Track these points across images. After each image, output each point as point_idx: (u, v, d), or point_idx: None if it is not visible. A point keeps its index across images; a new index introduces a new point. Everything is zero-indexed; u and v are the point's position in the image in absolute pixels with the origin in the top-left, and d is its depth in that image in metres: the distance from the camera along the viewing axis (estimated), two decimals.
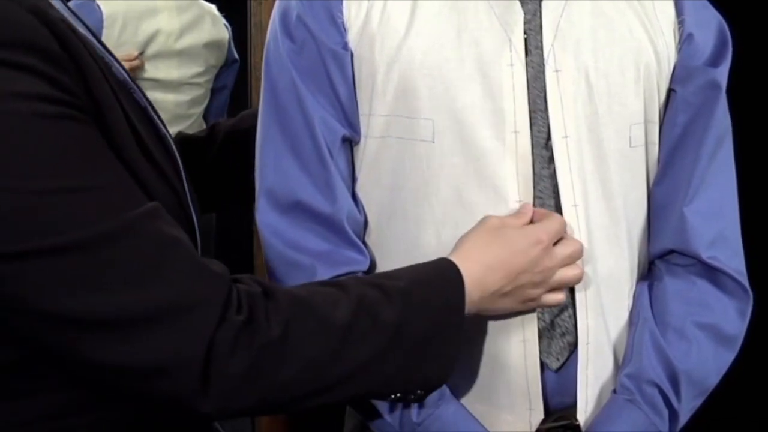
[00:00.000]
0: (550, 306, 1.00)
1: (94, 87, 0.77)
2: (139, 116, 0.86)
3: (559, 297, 0.99)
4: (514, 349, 1.01)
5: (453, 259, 0.93)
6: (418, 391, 0.91)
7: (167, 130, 0.95)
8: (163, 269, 0.75)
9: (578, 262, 0.99)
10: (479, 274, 0.92)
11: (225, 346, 0.75)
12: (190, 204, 0.91)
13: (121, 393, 0.80)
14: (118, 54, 1.03)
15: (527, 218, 0.98)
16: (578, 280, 0.99)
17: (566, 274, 0.98)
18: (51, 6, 0.79)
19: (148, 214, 0.76)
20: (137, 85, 0.94)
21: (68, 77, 0.74)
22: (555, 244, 0.97)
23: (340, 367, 0.83)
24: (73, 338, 0.73)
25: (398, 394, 0.90)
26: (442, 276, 0.92)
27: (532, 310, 1.00)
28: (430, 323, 0.88)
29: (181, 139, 1.23)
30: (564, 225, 0.99)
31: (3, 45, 0.71)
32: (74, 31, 0.79)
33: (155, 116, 0.91)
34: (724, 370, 1.07)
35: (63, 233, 0.71)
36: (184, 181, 0.91)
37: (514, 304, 0.97)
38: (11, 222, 0.70)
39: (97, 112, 0.77)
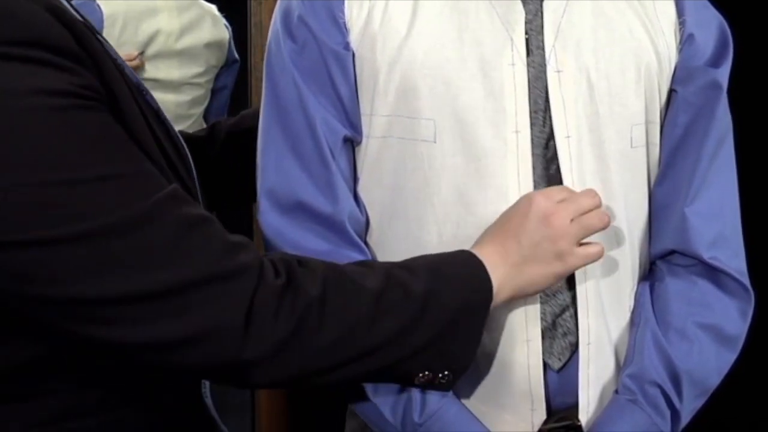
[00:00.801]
0: (592, 260, 0.96)
1: (113, 85, 0.79)
2: (153, 117, 0.87)
3: (596, 249, 0.96)
4: (518, 349, 1.01)
5: (474, 251, 0.95)
6: (446, 373, 0.92)
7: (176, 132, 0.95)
8: (196, 244, 0.77)
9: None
10: (491, 251, 0.94)
11: (267, 309, 0.78)
12: (201, 203, 0.92)
13: (168, 371, 0.82)
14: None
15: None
16: (605, 224, 0.96)
17: (589, 220, 0.95)
18: (69, 8, 0.81)
19: (173, 196, 0.78)
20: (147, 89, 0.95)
21: (89, 74, 0.76)
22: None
23: (375, 333, 0.85)
24: (113, 319, 0.75)
25: (427, 373, 0.91)
26: (462, 258, 0.93)
27: (572, 277, 1.00)
28: (459, 298, 0.90)
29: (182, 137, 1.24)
30: (564, 190, 0.97)
31: (24, 43, 0.72)
32: (93, 32, 0.80)
33: (166, 118, 0.92)
34: (725, 371, 1.07)
35: (96, 219, 0.73)
36: (196, 181, 0.93)
37: (546, 268, 0.95)
38: (44, 211, 0.72)
39: (117, 109, 0.79)
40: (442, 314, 0.89)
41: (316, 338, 0.81)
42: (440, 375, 0.92)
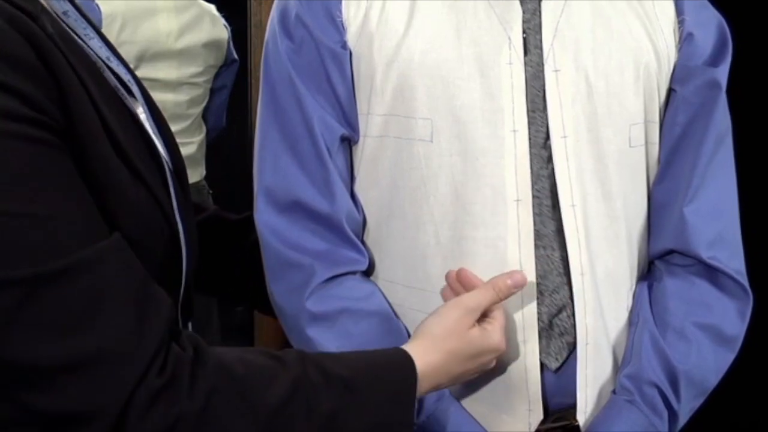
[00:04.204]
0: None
1: (69, 99, 0.74)
2: (127, 124, 0.83)
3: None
4: (514, 350, 1.01)
5: (412, 351, 0.90)
6: None
7: (167, 136, 0.93)
8: (95, 319, 0.71)
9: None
10: (431, 374, 0.90)
11: (140, 407, 0.71)
12: (177, 215, 0.88)
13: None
14: None
15: (502, 298, 0.97)
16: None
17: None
18: (43, 9, 0.77)
19: (95, 254, 0.72)
20: (143, 89, 0.93)
21: (41, 92, 0.71)
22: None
23: None
24: None
25: None
26: (393, 369, 0.88)
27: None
28: (372, 418, 0.83)
29: (216, 216, 1.20)
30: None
31: None
32: (55, 39, 0.76)
33: (148, 123, 0.89)
34: (723, 371, 1.07)
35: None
36: (172, 192, 0.88)
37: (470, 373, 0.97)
38: None
39: (69, 126, 0.74)
40: None
41: None
42: None
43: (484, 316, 0.97)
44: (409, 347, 0.91)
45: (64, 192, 0.72)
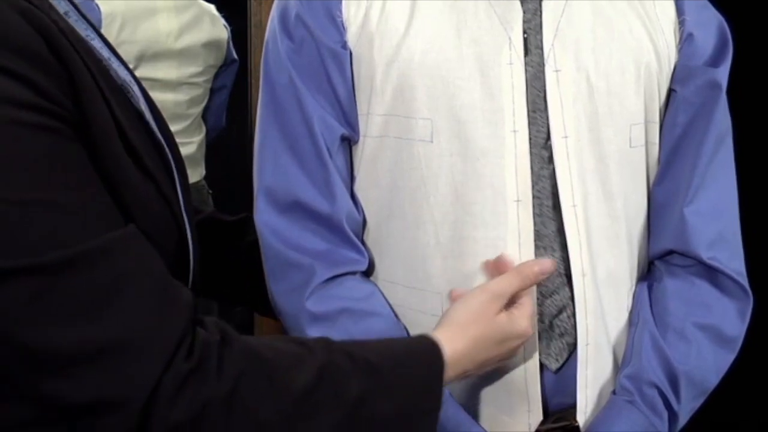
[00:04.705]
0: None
1: (82, 93, 0.74)
2: (134, 122, 0.83)
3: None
4: None
5: (438, 338, 0.90)
6: None
7: (169, 136, 0.93)
8: (117, 305, 0.70)
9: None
10: (458, 360, 0.90)
11: (168, 392, 0.71)
12: (184, 214, 0.89)
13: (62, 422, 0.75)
14: None
15: (529, 285, 0.96)
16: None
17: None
18: (51, 7, 0.77)
19: (113, 245, 0.71)
20: (143, 89, 0.93)
21: (54, 84, 0.71)
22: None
23: None
24: (17, 367, 0.70)
25: None
26: (420, 355, 0.88)
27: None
28: (399, 403, 0.83)
29: (211, 218, 1.19)
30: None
31: None
32: (67, 34, 0.76)
33: (153, 122, 0.89)
34: (723, 371, 1.07)
35: (17, 255, 0.67)
36: (179, 191, 0.89)
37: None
38: None
39: (82, 120, 0.74)
40: (376, 422, 0.81)
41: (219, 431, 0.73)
42: None
43: (512, 302, 0.96)
44: (436, 334, 0.91)
45: (80, 181, 0.72)
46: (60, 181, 0.70)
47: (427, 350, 0.88)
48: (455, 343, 0.90)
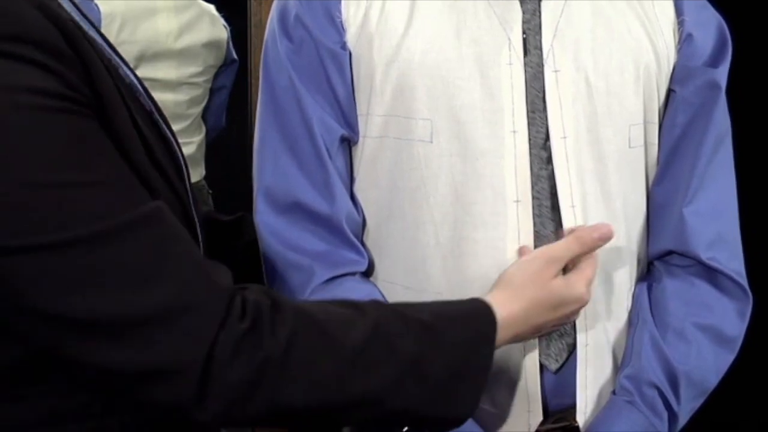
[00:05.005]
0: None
1: (100, 87, 0.76)
2: (144, 119, 0.85)
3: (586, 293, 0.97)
4: (514, 351, 1.00)
5: (491, 302, 0.90)
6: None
7: (172, 134, 0.94)
8: (164, 271, 0.73)
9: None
10: (511, 323, 0.90)
11: (224, 353, 0.73)
12: (193, 209, 0.90)
13: (119, 396, 0.78)
14: None
15: (587, 250, 0.96)
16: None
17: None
18: (60, 6, 0.79)
19: (151, 214, 0.74)
20: (145, 88, 0.93)
21: (75, 74, 0.73)
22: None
23: (348, 392, 0.79)
24: (71, 338, 0.72)
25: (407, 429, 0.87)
26: (472, 316, 0.88)
27: None
28: (452, 362, 0.84)
29: (207, 217, 1.19)
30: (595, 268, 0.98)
31: (9, 38, 0.70)
32: (83, 31, 0.78)
33: (160, 119, 0.90)
34: (723, 372, 1.07)
35: (62, 230, 0.69)
36: (188, 186, 0.90)
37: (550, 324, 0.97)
38: (10, 215, 0.68)
39: (102, 111, 0.76)
40: (430, 379, 0.83)
41: (278, 393, 0.75)
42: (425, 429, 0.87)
43: (572, 267, 0.96)
44: (490, 297, 0.91)
45: (109, 160, 0.74)
46: (92, 160, 0.72)
47: (480, 311, 0.89)
48: (509, 305, 0.91)
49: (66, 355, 0.73)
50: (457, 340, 0.85)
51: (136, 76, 0.94)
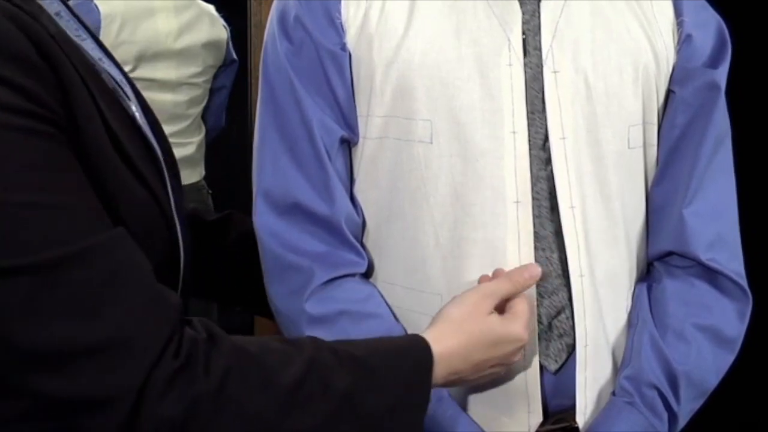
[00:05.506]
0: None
1: (72, 97, 0.75)
2: (125, 125, 0.84)
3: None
4: None
5: (428, 337, 0.90)
6: None
7: (162, 137, 0.93)
8: (108, 304, 0.72)
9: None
10: (448, 357, 0.90)
11: (156, 389, 0.72)
12: (176, 217, 0.89)
13: (53, 424, 0.75)
14: (115, 54, 1.00)
15: (521, 289, 0.96)
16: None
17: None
18: (41, 9, 0.78)
19: (104, 243, 0.73)
20: (137, 92, 0.93)
21: (44, 89, 0.72)
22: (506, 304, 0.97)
23: (283, 429, 0.78)
24: (8, 364, 0.70)
25: None
26: (407, 351, 0.88)
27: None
28: (387, 397, 0.83)
29: (191, 217, 1.19)
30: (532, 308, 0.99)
31: None
32: (57, 38, 0.77)
33: (146, 124, 0.89)
34: (723, 372, 1.07)
35: (9, 256, 0.68)
36: (170, 194, 0.89)
37: (469, 382, 0.97)
38: None
39: (73, 124, 0.75)
40: (366, 416, 0.82)
41: (210, 426, 0.74)
42: None
43: (508, 308, 0.96)
44: (426, 332, 0.91)
45: (71, 183, 0.73)
46: (52, 183, 0.71)
47: (415, 347, 0.89)
48: (445, 340, 0.90)
49: (4, 380, 0.72)
50: (392, 375, 0.85)
51: (128, 79, 0.93)
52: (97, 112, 0.78)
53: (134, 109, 0.89)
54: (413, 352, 0.88)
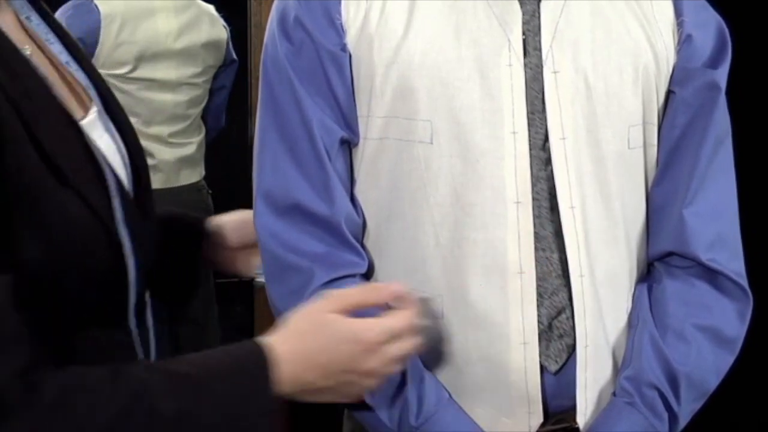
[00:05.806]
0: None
1: None
2: (65, 131, 0.83)
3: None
4: (514, 352, 1.00)
5: (263, 341, 0.87)
6: None
7: (128, 143, 0.92)
8: None
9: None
10: (290, 358, 0.86)
11: None
12: (121, 225, 0.87)
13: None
14: (115, 54, 1.00)
15: (374, 300, 0.92)
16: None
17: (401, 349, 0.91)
18: None
19: None
20: (102, 92, 0.91)
21: None
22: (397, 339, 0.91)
23: None
24: None
25: None
26: (246, 361, 0.86)
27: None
28: (224, 411, 0.81)
29: (180, 219, 1.19)
30: (408, 324, 0.91)
31: None
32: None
33: (97, 130, 0.88)
34: (723, 373, 1.07)
35: None
36: (116, 204, 0.87)
37: (340, 396, 0.92)
38: None
39: None
40: None
41: None
42: None
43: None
44: (266, 337, 0.88)
45: None
46: None
47: (249, 352, 0.86)
48: (286, 343, 0.87)
49: None
50: (227, 386, 0.83)
51: (96, 81, 0.92)
52: (25, 134, 0.77)
53: (91, 116, 0.87)
54: (247, 359, 0.85)
